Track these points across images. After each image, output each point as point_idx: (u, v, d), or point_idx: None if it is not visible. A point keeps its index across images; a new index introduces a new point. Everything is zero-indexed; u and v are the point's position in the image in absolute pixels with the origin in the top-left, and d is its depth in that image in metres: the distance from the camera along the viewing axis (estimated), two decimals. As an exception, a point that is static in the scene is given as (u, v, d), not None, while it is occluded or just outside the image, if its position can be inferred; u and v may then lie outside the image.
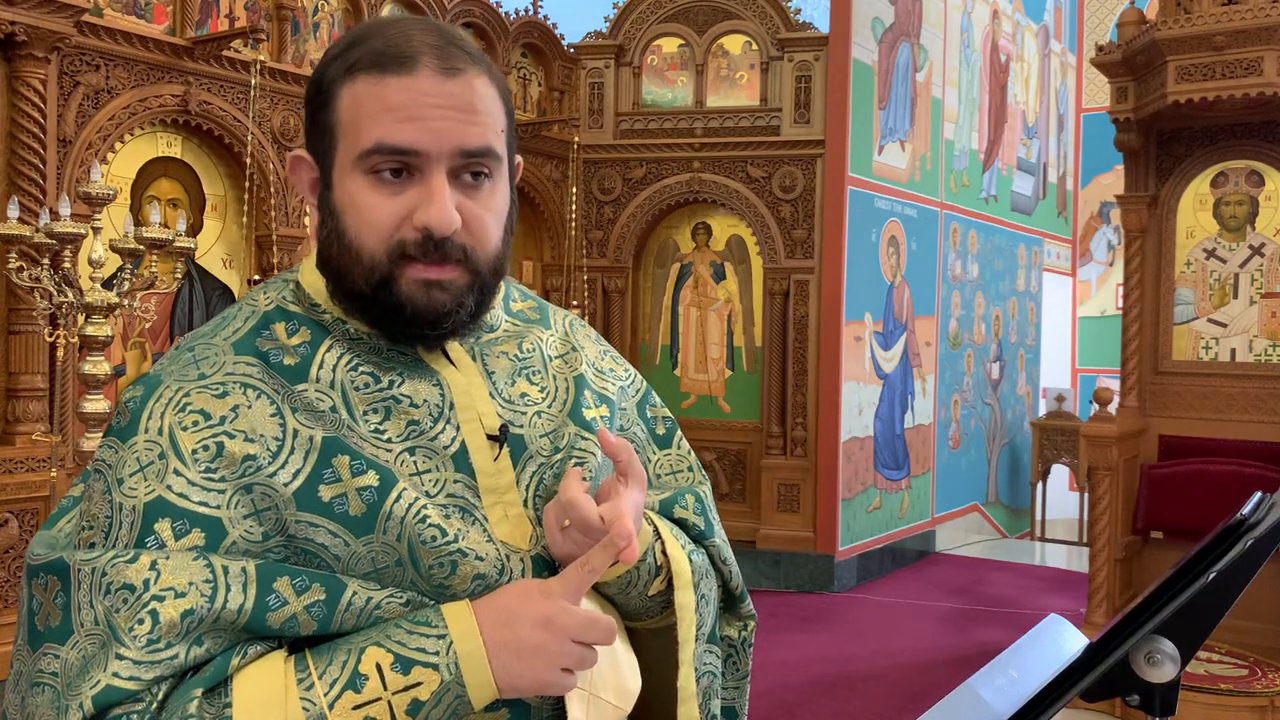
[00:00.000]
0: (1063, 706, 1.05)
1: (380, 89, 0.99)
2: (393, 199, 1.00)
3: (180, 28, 5.03)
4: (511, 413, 1.09)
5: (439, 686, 0.92)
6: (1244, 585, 1.04)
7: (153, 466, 0.95)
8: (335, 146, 1.02)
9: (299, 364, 1.02)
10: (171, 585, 0.90)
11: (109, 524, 0.94)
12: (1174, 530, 5.06)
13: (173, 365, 1.02)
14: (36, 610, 0.94)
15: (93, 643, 0.89)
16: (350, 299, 1.04)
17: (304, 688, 0.91)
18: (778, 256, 6.90)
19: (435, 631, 0.94)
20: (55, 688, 0.89)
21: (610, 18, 7.27)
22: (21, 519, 4.25)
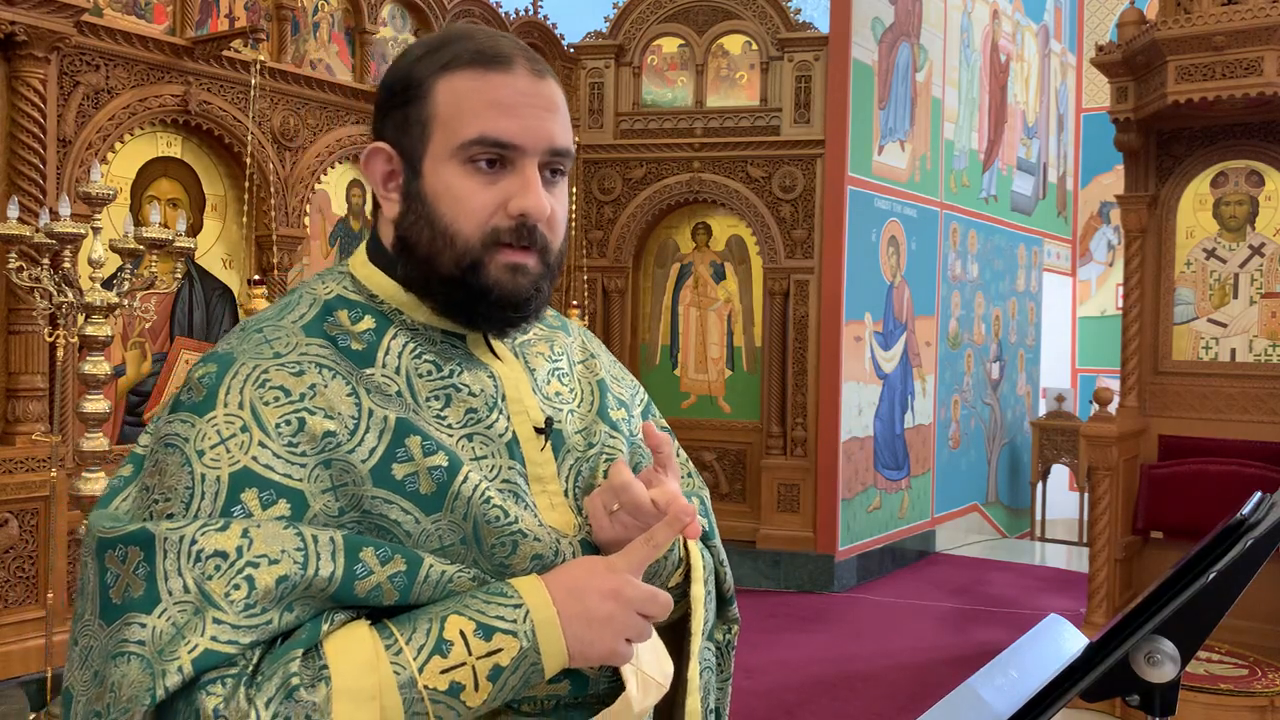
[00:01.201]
0: (1063, 706, 1.05)
1: (481, 84, 1.06)
2: (488, 188, 1.06)
3: (180, 28, 5.02)
4: (551, 409, 1.16)
5: (518, 653, 0.97)
6: (1244, 585, 1.04)
7: (235, 439, 0.97)
8: (429, 138, 1.07)
9: (366, 349, 1.07)
10: (265, 552, 0.93)
11: (189, 495, 0.96)
12: (1174, 530, 5.06)
13: (244, 344, 1.04)
14: (112, 584, 0.94)
15: (183, 610, 0.91)
16: (433, 283, 1.08)
17: (393, 653, 0.94)
18: (778, 256, 6.89)
19: (511, 602, 0.99)
20: (144, 656, 0.90)
21: (610, 18, 7.27)
22: (21, 519, 4.25)
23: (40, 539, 4.29)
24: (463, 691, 0.96)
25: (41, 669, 4.17)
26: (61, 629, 4.29)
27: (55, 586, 4.28)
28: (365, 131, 5.88)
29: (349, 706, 0.92)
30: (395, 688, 0.93)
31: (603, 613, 0.99)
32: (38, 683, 4.18)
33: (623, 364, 1.41)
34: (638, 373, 7.31)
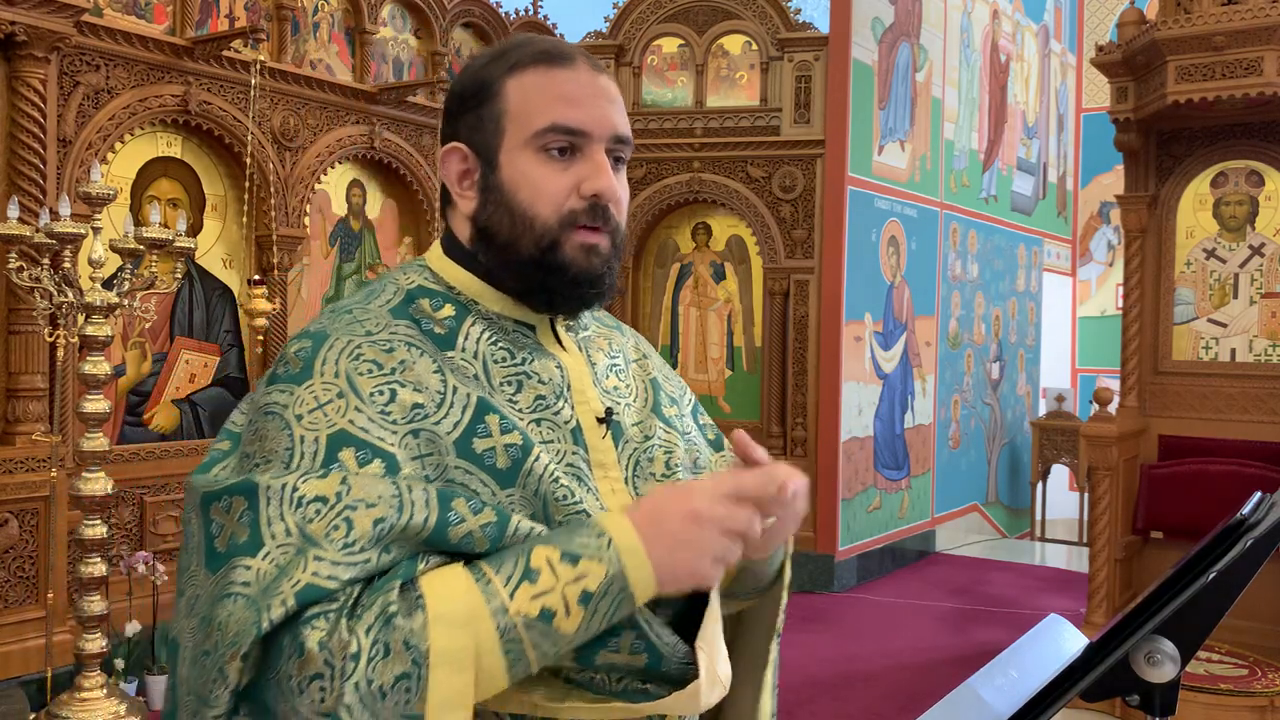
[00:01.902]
0: (1063, 706, 1.05)
1: (549, 79, 1.15)
2: (562, 173, 1.14)
3: (180, 28, 5.02)
4: (610, 401, 1.23)
5: (605, 578, 0.99)
6: (1244, 585, 1.04)
7: (332, 404, 1.03)
8: (503, 132, 1.15)
9: (447, 334, 1.14)
10: (362, 497, 0.98)
11: (289, 454, 1.01)
12: (1174, 530, 5.06)
13: (335, 323, 1.11)
14: (217, 534, 1.00)
15: (286, 552, 0.96)
16: (513, 267, 1.16)
17: (483, 584, 0.98)
18: (778, 256, 6.90)
19: (594, 531, 1.02)
20: (249, 595, 0.94)
21: (610, 18, 7.27)
22: (21, 519, 4.25)
23: (40, 539, 4.29)
24: (555, 618, 0.98)
25: (41, 669, 4.17)
26: (61, 629, 4.29)
27: (55, 586, 4.28)
28: (365, 131, 5.88)
29: (444, 631, 0.95)
30: (488, 615, 0.97)
31: (685, 535, 1.01)
32: (38, 683, 4.18)
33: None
34: (638, 373, 7.30)
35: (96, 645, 4.06)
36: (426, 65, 6.35)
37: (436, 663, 0.94)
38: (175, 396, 5.20)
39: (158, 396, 5.13)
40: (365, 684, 0.92)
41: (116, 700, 4.07)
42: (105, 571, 4.13)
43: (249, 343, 5.40)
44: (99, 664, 4.09)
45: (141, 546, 4.95)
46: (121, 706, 4.06)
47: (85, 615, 4.05)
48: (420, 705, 0.93)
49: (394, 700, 0.93)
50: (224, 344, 5.40)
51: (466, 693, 0.96)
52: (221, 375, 5.39)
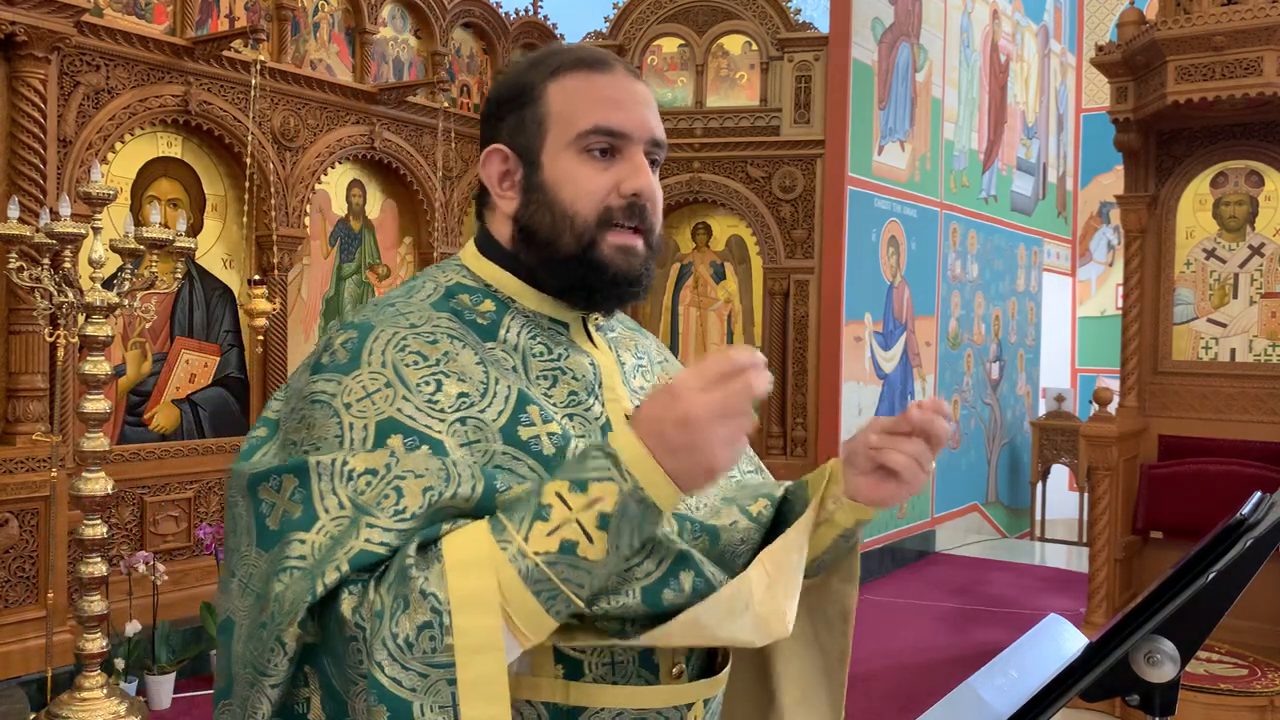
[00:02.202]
0: (1063, 706, 1.05)
1: (590, 83, 1.18)
2: (603, 173, 1.17)
3: (180, 28, 5.03)
4: (638, 399, 1.25)
5: (619, 495, 0.98)
6: (1244, 585, 1.04)
7: (380, 393, 1.05)
8: (546, 133, 1.18)
9: (488, 325, 1.17)
10: (411, 468, 1.01)
11: (339, 441, 1.03)
12: (1174, 530, 5.06)
13: (379, 315, 1.13)
14: (268, 513, 1.03)
15: (340, 524, 0.99)
16: (554, 264, 1.18)
17: (498, 532, 0.98)
18: (778, 256, 6.90)
19: (601, 453, 1.00)
20: (304, 568, 0.97)
21: (610, 18, 7.26)
22: (22, 519, 4.25)
23: (40, 539, 4.29)
24: (577, 547, 0.97)
25: (42, 669, 4.17)
26: (61, 629, 4.29)
27: (55, 586, 4.28)
28: (365, 131, 5.88)
29: (460, 577, 0.95)
30: (506, 561, 0.96)
31: (684, 441, 0.98)
32: (38, 682, 4.18)
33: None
34: (638, 373, 7.30)
35: (96, 645, 4.06)
36: (426, 65, 6.35)
37: (458, 607, 0.94)
38: (175, 396, 5.20)
39: (158, 396, 5.13)
40: (390, 638, 0.93)
41: (116, 700, 4.07)
42: (105, 571, 4.13)
43: (249, 343, 5.40)
44: (99, 664, 4.09)
45: (142, 546, 4.95)
46: (121, 706, 4.06)
47: (85, 615, 4.05)
48: (448, 652, 0.94)
49: (421, 649, 0.93)
50: (224, 344, 5.40)
51: (497, 635, 0.95)
52: (221, 375, 5.39)
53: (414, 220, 6.36)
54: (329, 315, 5.95)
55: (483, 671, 0.94)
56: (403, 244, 6.34)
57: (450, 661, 0.94)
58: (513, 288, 1.21)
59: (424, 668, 0.93)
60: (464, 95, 6.67)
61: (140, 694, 4.48)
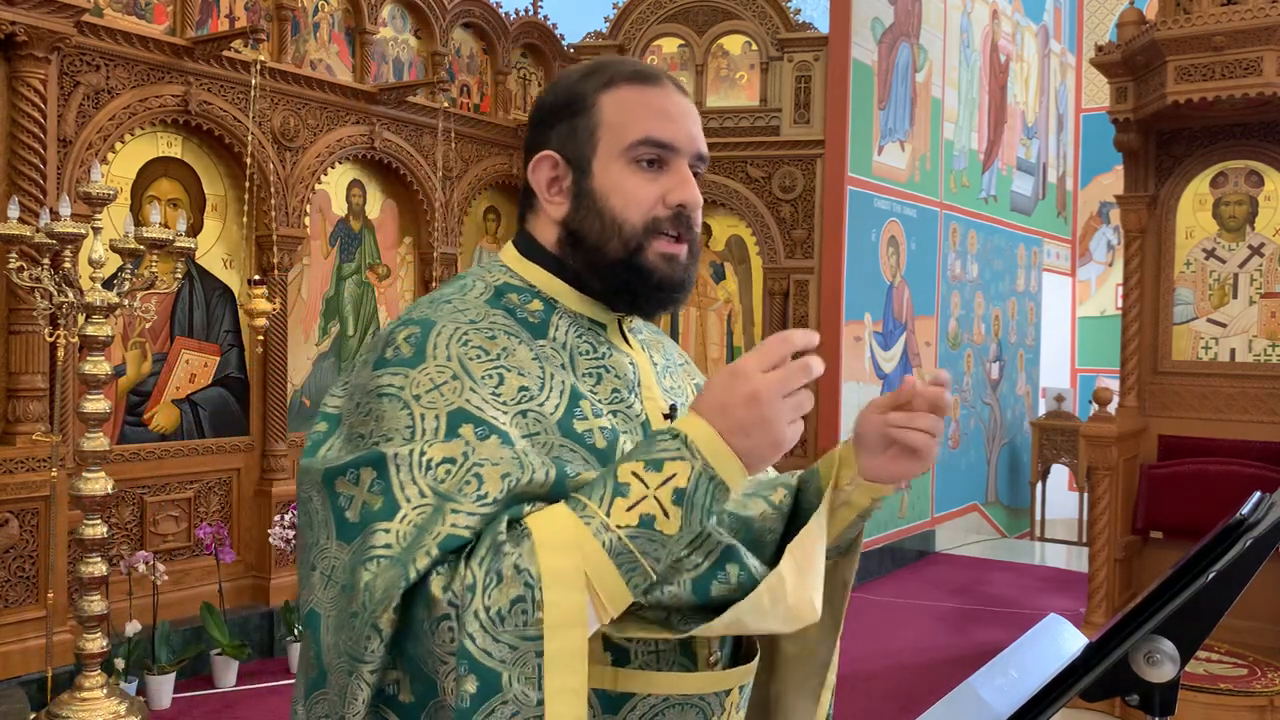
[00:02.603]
0: (1062, 706, 1.05)
1: (643, 96, 1.24)
2: (651, 183, 1.22)
3: (180, 28, 5.03)
4: (670, 399, 1.31)
5: (692, 472, 1.04)
6: (1244, 585, 1.04)
7: (448, 385, 1.10)
8: (597, 142, 1.23)
9: (539, 324, 1.22)
10: (487, 457, 1.05)
11: (410, 431, 1.07)
12: (1174, 530, 5.06)
13: (437, 311, 1.17)
14: (346, 506, 1.06)
15: (423, 512, 1.03)
16: (601, 269, 1.23)
17: (580, 509, 1.04)
18: (777, 256, 6.90)
19: (669, 434, 1.06)
20: (391, 556, 1.01)
21: (610, 18, 7.26)
22: (22, 519, 4.25)
23: (40, 539, 4.29)
24: (655, 521, 1.03)
25: (42, 669, 4.17)
26: (62, 629, 4.29)
27: (55, 586, 4.28)
28: (365, 131, 5.88)
29: (551, 554, 1.00)
30: (590, 535, 1.02)
31: (753, 418, 1.04)
32: (38, 682, 4.18)
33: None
34: (638, 373, 7.31)
35: (97, 645, 4.06)
36: (426, 65, 6.35)
37: (549, 583, 0.99)
38: (175, 396, 5.20)
39: (158, 396, 5.14)
40: (484, 610, 0.98)
41: (117, 700, 4.07)
42: (105, 571, 4.13)
43: (249, 343, 5.41)
44: (99, 664, 4.09)
45: (142, 546, 4.95)
46: (122, 706, 4.06)
47: (85, 615, 4.05)
48: (537, 625, 0.98)
49: (513, 623, 0.98)
50: (224, 344, 5.40)
51: (583, 611, 1.01)
52: (222, 375, 5.39)
53: (414, 220, 6.36)
54: (329, 315, 5.95)
55: (567, 645, 0.99)
56: (403, 244, 6.34)
57: (539, 634, 0.98)
58: (556, 289, 1.26)
59: (515, 640, 0.98)
60: (464, 95, 6.67)
61: (140, 694, 4.48)
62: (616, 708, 1.12)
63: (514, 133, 6.82)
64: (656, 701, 1.13)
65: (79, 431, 4.28)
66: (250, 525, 5.44)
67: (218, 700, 4.66)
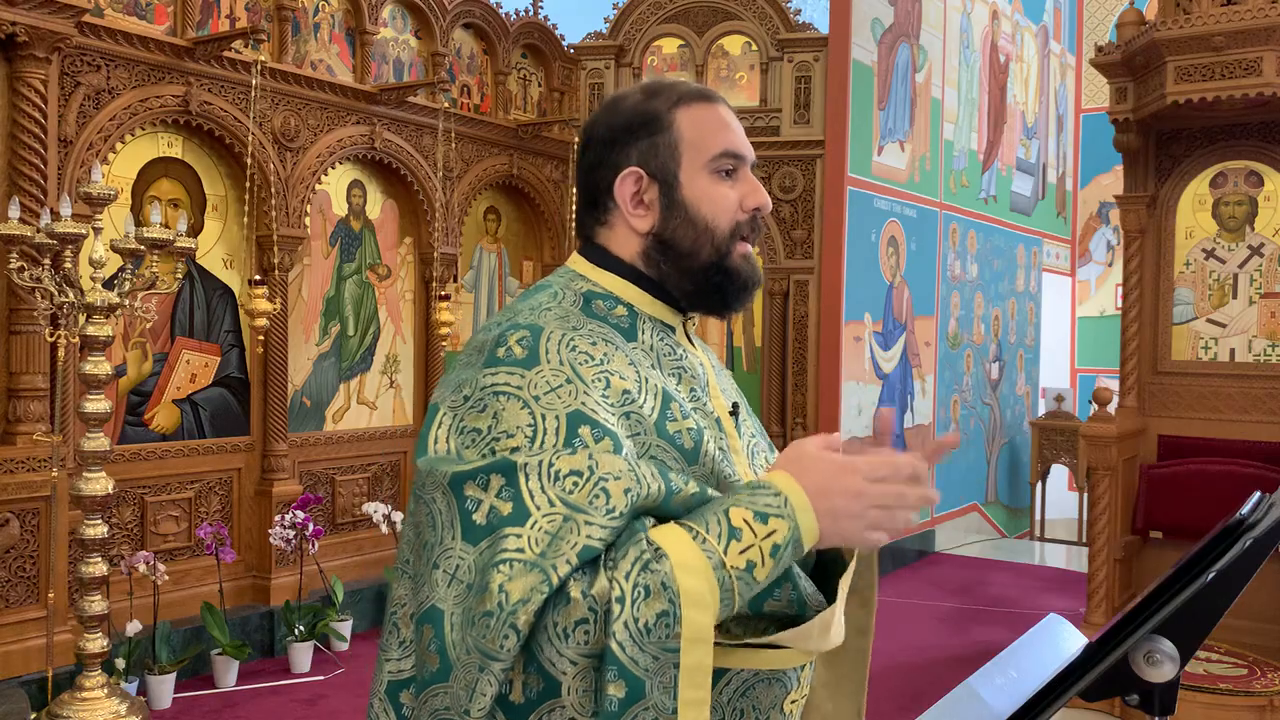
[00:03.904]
0: (1062, 706, 1.05)
1: (712, 113, 1.34)
2: (732, 190, 1.33)
3: (181, 28, 5.03)
4: (728, 398, 1.39)
5: (788, 532, 1.14)
6: (1243, 585, 1.04)
7: (564, 388, 1.17)
8: (682, 156, 1.32)
9: (628, 328, 1.30)
10: (610, 471, 1.12)
11: (533, 430, 1.14)
12: (1173, 530, 5.06)
13: (541, 317, 1.24)
14: (474, 509, 1.11)
15: (553, 520, 1.09)
16: (695, 273, 1.32)
17: (701, 542, 1.12)
18: (777, 256, 6.90)
19: (772, 492, 1.16)
20: (525, 560, 1.06)
21: (610, 18, 7.27)
22: (22, 519, 4.25)
23: (41, 539, 4.29)
24: (755, 569, 1.13)
25: (42, 669, 4.18)
26: (62, 629, 4.29)
27: (56, 586, 4.28)
28: (366, 132, 5.88)
29: (686, 575, 1.09)
30: (710, 569, 1.11)
31: (850, 510, 1.16)
32: (38, 682, 4.19)
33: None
34: (638, 373, 7.31)
35: (97, 645, 4.06)
36: (427, 66, 6.35)
37: (687, 601, 1.08)
38: (176, 396, 5.20)
39: (158, 396, 5.14)
40: (633, 621, 1.06)
41: (117, 700, 4.07)
42: (106, 571, 4.13)
43: (250, 343, 5.41)
44: (100, 664, 4.09)
45: (142, 546, 4.95)
46: (122, 706, 4.06)
47: (86, 615, 4.06)
48: (677, 640, 1.07)
49: (657, 635, 1.06)
50: (225, 344, 5.40)
51: (709, 630, 1.09)
52: (222, 375, 5.39)
53: (414, 220, 6.37)
54: (329, 315, 5.95)
55: (699, 660, 1.08)
56: (403, 244, 6.35)
57: (677, 648, 1.07)
58: (633, 295, 1.33)
59: (659, 651, 1.06)
60: (464, 96, 6.67)
61: (141, 694, 4.48)
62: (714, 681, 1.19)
63: (514, 133, 6.82)
64: (748, 675, 1.22)
65: (79, 431, 4.29)
66: (251, 525, 5.44)
67: (218, 700, 4.66)
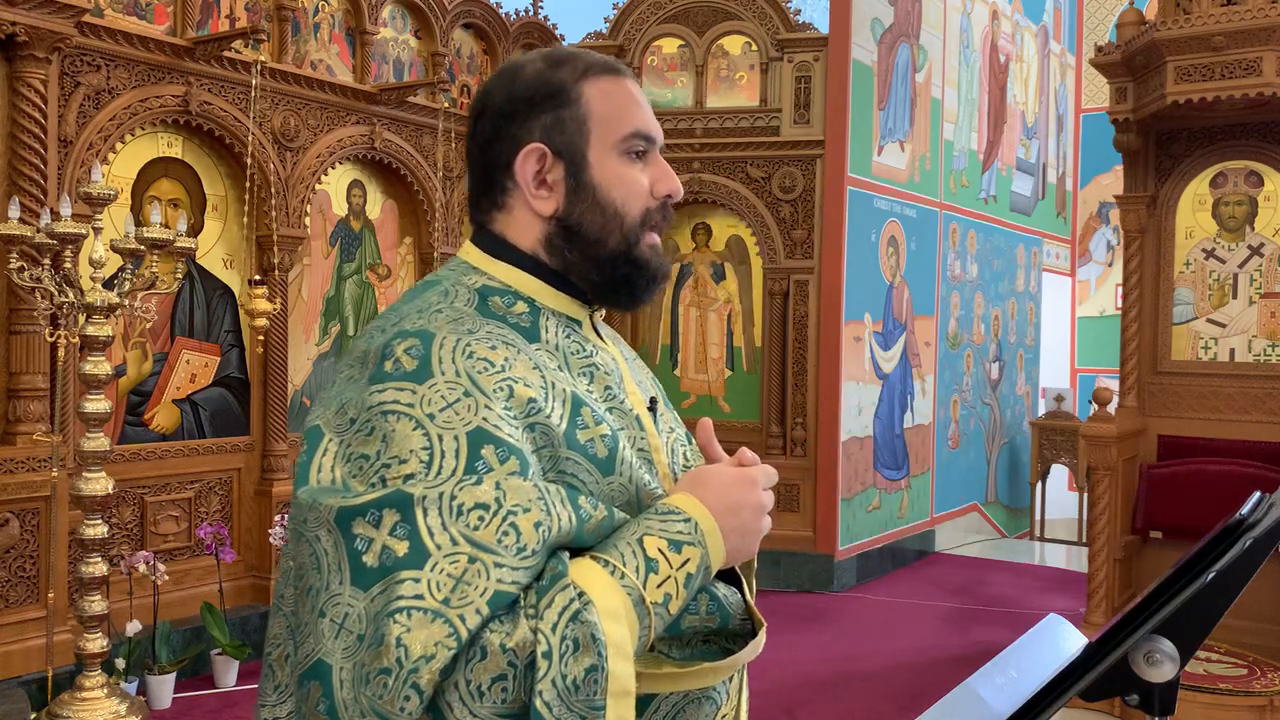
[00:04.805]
0: (1062, 706, 1.05)
1: (621, 87, 1.22)
2: (643, 175, 1.22)
3: (181, 28, 5.03)
4: (643, 391, 1.29)
5: (699, 559, 1.09)
6: (1243, 585, 1.04)
7: (461, 402, 1.04)
8: (589, 134, 1.19)
9: (530, 327, 1.18)
10: (518, 502, 1.01)
11: (429, 454, 1.01)
12: (1173, 530, 5.06)
13: (433, 322, 1.10)
14: (363, 549, 0.97)
15: (455, 561, 0.96)
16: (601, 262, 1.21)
17: (619, 578, 1.04)
18: (777, 257, 6.90)
19: (682, 518, 1.11)
20: (426, 609, 0.94)
21: (610, 18, 7.27)
22: (22, 519, 4.25)
23: (41, 539, 4.29)
24: (671, 601, 1.07)
25: (42, 668, 4.18)
26: (62, 628, 4.29)
27: (56, 586, 4.28)
28: (366, 132, 5.88)
29: (611, 624, 1.01)
30: (631, 607, 1.03)
31: (753, 525, 1.15)
32: (38, 682, 4.19)
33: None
34: (638, 373, 7.32)
35: (97, 645, 4.06)
36: (427, 66, 6.35)
37: (613, 654, 0.99)
38: (176, 396, 5.20)
39: (158, 396, 5.14)
40: (560, 678, 0.96)
41: (117, 700, 4.07)
42: (106, 571, 4.13)
43: (250, 343, 5.41)
44: (99, 664, 4.09)
45: (142, 546, 4.95)
46: (122, 706, 4.06)
47: (86, 615, 4.06)
48: (603, 695, 0.98)
49: (585, 693, 0.97)
50: (225, 344, 5.40)
51: (632, 680, 1.01)
52: (222, 375, 5.39)
53: (414, 220, 6.37)
54: (329, 315, 5.95)
55: (623, 715, 0.99)
56: (403, 244, 6.35)
57: (604, 705, 0.98)
58: (533, 288, 1.21)
59: (585, 709, 0.97)
60: (464, 95, 6.67)
61: (141, 694, 4.48)
62: (645, 708, 1.12)
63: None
64: (678, 698, 1.15)
65: (79, 431, 4.29)
66: (251, 525, 5.44)
67: (218, 700, 4.66)
